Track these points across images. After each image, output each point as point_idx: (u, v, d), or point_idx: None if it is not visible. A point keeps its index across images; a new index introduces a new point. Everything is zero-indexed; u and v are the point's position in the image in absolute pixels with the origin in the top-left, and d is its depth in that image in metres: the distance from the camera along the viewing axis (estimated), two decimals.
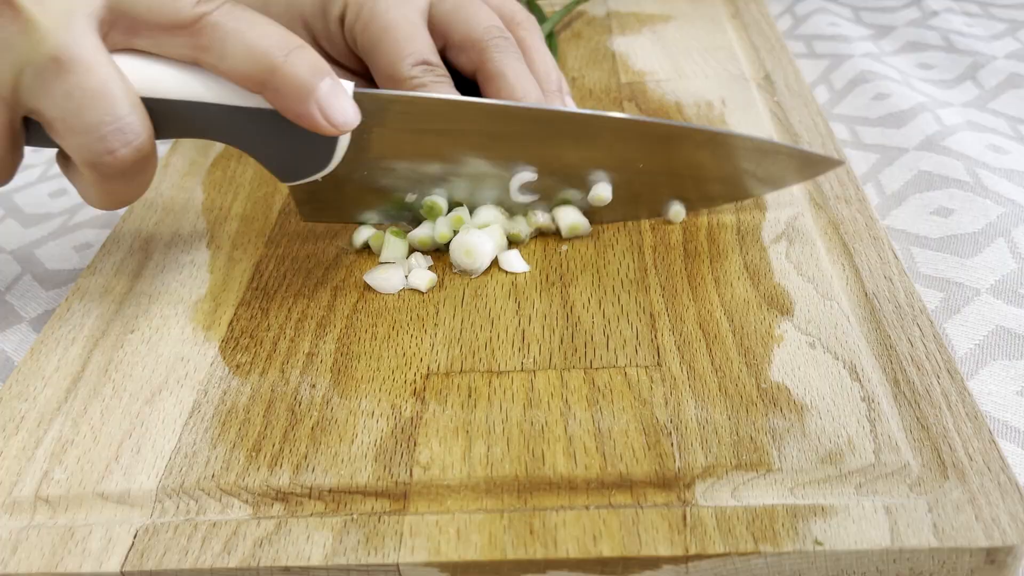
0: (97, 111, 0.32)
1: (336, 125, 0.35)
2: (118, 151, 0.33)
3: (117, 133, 0.33)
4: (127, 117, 0.33)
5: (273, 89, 0.34)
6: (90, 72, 0.32)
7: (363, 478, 0.30)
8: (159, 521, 0.30)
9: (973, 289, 0.38)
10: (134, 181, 0.35)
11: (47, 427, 0.34)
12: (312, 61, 0.34)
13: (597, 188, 0.40)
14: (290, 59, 0.34)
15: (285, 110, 0.35)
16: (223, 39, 0.33)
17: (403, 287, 0.39)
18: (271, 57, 0.34)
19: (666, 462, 0.30)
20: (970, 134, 0.49)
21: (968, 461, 0.29)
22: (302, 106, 0.34)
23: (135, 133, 0.33)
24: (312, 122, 0.35)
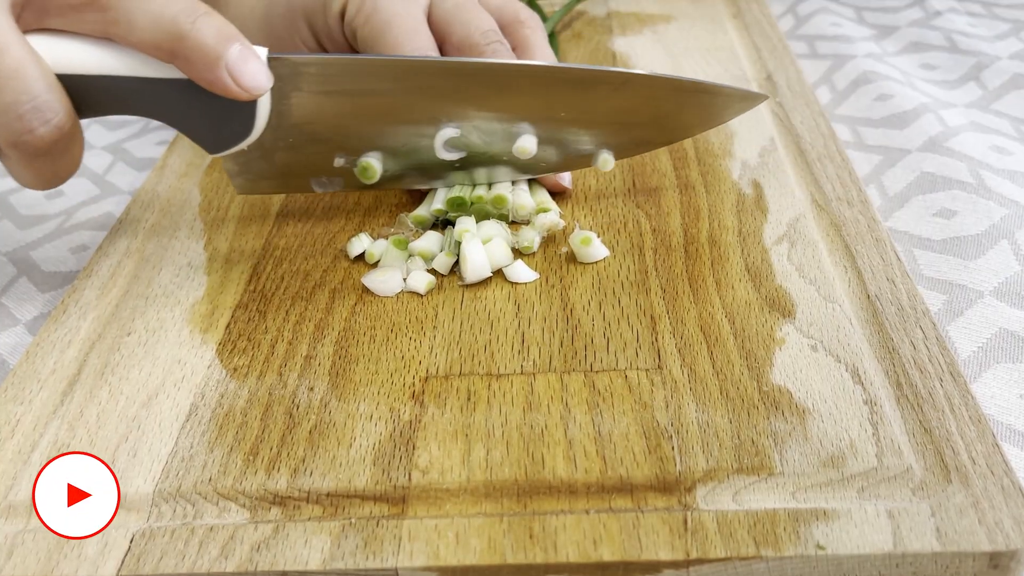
0: (13, 91, 0.33)
1: (248, 89, 0.35)
2: (37, 130, 0.33)
3: (35, 112, 0.33)
4: (43, 95, 0.33)
5: (183, 57, 0.35)
6: (4, 54, 0.32)
7: (361, 482, 0.30)
8: (156, 525, 0.30)
9: (976, 291, 0.39)
10: (60, 159, 0.35)
11: (43, 431, 0.34)
12: (219, 26, 0.35)
13: (521, 140, 0.41)
14: (197, 25, 0.34)
15: (197, 77, 0.35)
16: (129, 11, 0.34)
17: (401, 290, 0.39)
18: (178, 25, 0.34)
19: (667, 466, 0.30)
20: (973, 135, 0.49)
21: (971, 465, 0.29)
22: (212, 72, 0.35)
23: (53, 111, 0.34)
24: (224, 87, 0.35)
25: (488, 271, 0.39)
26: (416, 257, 0.40)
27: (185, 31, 0.34)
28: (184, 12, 0.34)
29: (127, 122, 0.61)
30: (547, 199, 0.43)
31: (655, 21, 0.64)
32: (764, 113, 0.50)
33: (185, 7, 0.35)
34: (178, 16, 0.34)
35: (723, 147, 0.47)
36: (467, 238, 0.39)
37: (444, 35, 0.43)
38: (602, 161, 0.42)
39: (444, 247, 0.40)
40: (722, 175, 0.45)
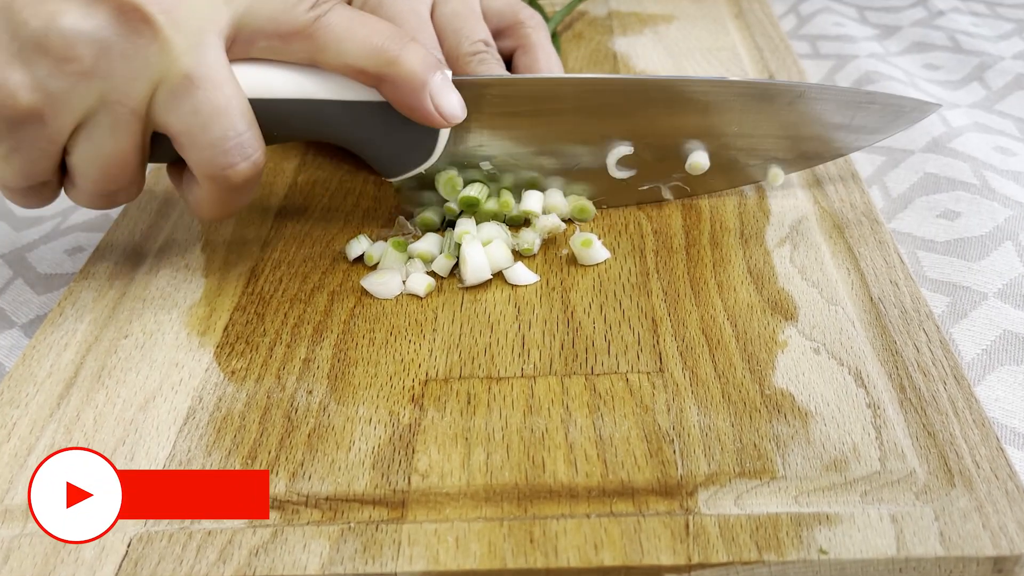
0: (221, 127, 0.34)
1: (447, 117, 0.37)
2: (238, 164, 0.35)
3: (238, 148, 0.35)
4: (246, 133, 0.35)
5: (390, 82, 0.36)
6: (217, 89, 0.34)
7: (360, 486, 0.31)
8: (153, 529, 0.30)
9: (980, 293, 0.39)
10: (245, 192, 0.37)
11: (39, 434, 0.34)
12: (424, 55, 0.36)
13: (694, 156, 0.41)
14: (405, 52, 0.36)
15: (399, 103, 0.37)
16: (339, 38, 0.36)
17: (401, 292, 0.39)
18: (387, 51, 0.36)
19: (668, 470, 0.30)
20: (977, 136, 0.49)
21: (975, 468, 0.29)
22: (417, 98, 0.36)
23: (253, 147, 0.35)
24: (425, 114, 0.37)
25: (488, 273, 0.39)
26: (415, 259, 0.40)
27: (393, 57, 0.36)
28: (392, 39, 0.36)
29: None
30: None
31: (656, 21, 0.64)
32: None
33: (393, 34, 0.36)
34: (387, 43, 0.36)
35: None
36: (467, 240, 0.39)
37: (439, 40, 0.44)
38: (772, 176, 0.42)
39: (444, 249, 0.41)
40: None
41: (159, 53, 0.34)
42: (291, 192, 0.47)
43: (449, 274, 0.40)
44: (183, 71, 0.34)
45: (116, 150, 0.35)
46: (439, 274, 0.40)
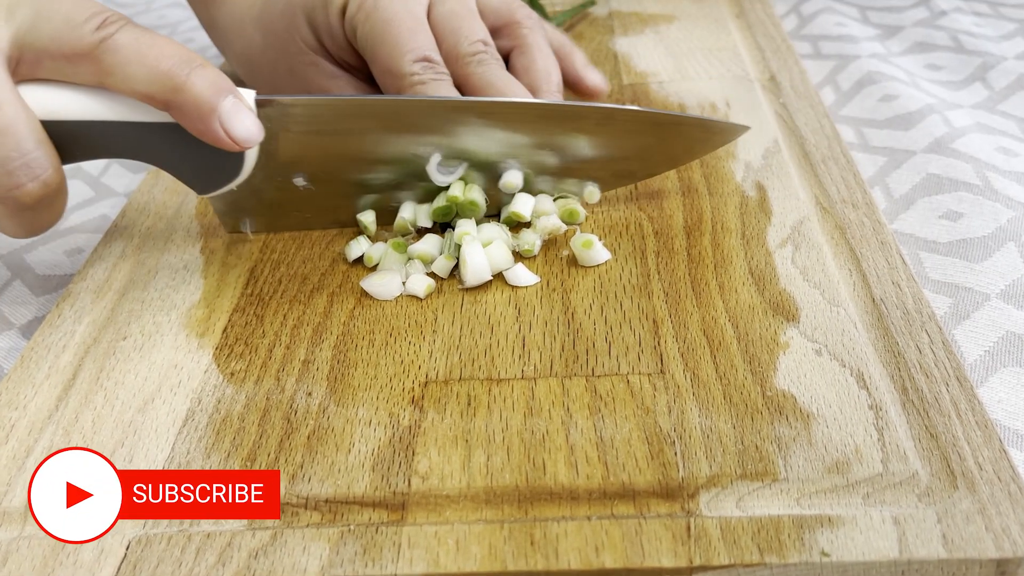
0: (5, 148, 0.34)
1: (239, 141, 0.36)
2: (26, 185, 0.34)
3: (24, 168, 0.34)
4: (33, 152, 0.34)
5: (177, 108, 0.36)
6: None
7: (360, 488, 0.31)
8: (152, 532, 0.30)
9: (983, 294, 0.39)
10: (45, 212, 0.36)
11: (37, 436, 0.34)
12: (213, 79, 0.36)
13: (507, 176, 0.42)
14: (191, 78, 0.35)
15: (190, 128, 0.36)
16: (125, 62, 0.35)
17: (400, 293, 0.39)
18: (173, 77, 0.35)
19: (669, 472, 0.30)
20: (979, 136, 0.49)
21: (978, 470, 0.29)
22: (205, 124, 0.36)
23: (42, 167, 0.35)
24: (216, 138, 0.36)
25: (488, 274, 0.39)
26: (415, 260, 0.40)
27: (180, 83, 0.35)
28: (179, 64, 0.35)
29: None
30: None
31: (657, 21, 0.64)
32: (768, 114, 0.50)
33: (181, 59, 0.35)
34: (173, 68, 0.35)
35: (726, 149, 0.47)
36: (467, 241, 0.39)
37: (437, 40, 0.44)
38: (588, 193, 0.43)
39: (444, 250, 0.41)
40: (725, 177, 0.45)
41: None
42: None
43: (449, 275, 0.40)
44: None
45: None
46: (439, 275, 0.40)
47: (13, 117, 0.34)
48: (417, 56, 0.42)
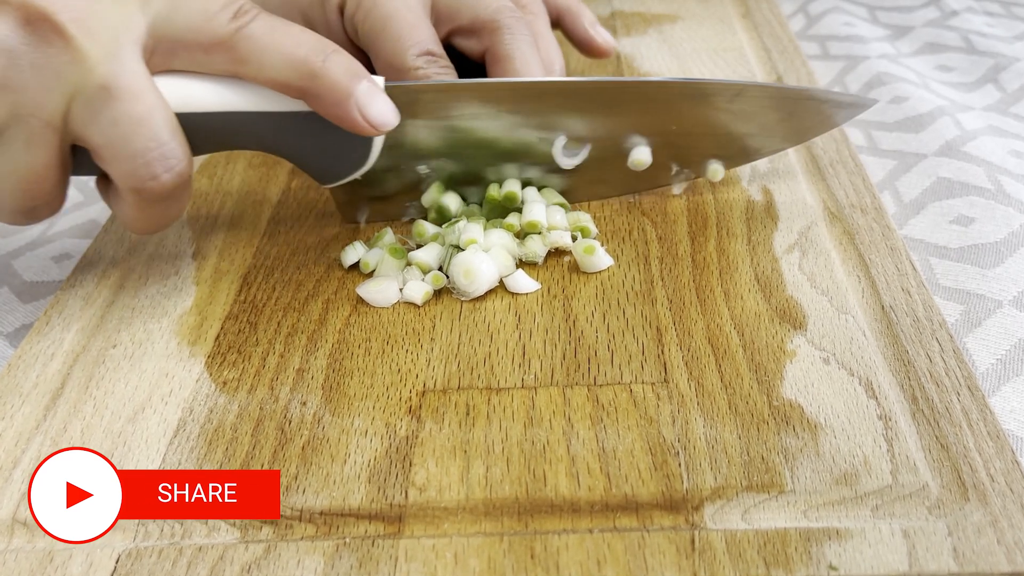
0: (142, 138, 0.34)
1: (376, 125, 0.37)
2: (161, 176, 0.35)
3: (160, 159, 0.35)
4: (170, 143, 0.35)
5: (314, 94, 0.36)
6: (136, 100, 0.34)
7: (356, 500, 0.31)
8: (142, 545, 0.30)
9: (995, 301, 0.39)
10: (174, 205, 0.37)
11: (25, 446, 0.34)
12: (348, 64, 0.37)
13: (636, 152, 0.42)
14: (328, 64, 0.36)
15: (326, 113, 0.37)
16: (261, 51, 0.36)
17: (398, 300, 0.39)
18: (309, 64, 0.36)
19: (673, 483, 0.30)
20: (991, 139, 0.49)
21: (990, 482, 0.29)
22: (343, 109, 0.37)
23: (177, 159, 0.35)
24: (353, 124, 0.37)
25: (488, 286, 0.39)
26: (413, 267, 0.40)
27: (316, 69, 0.36)
28: (315, 51, 0.36)
29: None
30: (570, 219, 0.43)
31: (661, 21, 0.64)
32: None
33: (315, 46, 0.36)
34: (309, 55, 0.36)
35: None
36: (472, 250, 0.39)
37: (453, 20, 0.45)
38: (712, 171, 0.44)
39: (443, 263, 0.40)
40: (731, 181, 0.45)
41: (72, 63, 0.33)
42: (284, 197, 0.48)
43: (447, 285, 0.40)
44: (99, 82, 0.34)
45: (32, 165, 0.35)
46: (435, 267, 0.40)
47: (151, 107, 0.35)
48: (420, 50, 0.42)
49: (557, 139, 0.42)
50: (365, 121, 0.37)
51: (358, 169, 0.40)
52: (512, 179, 0.43)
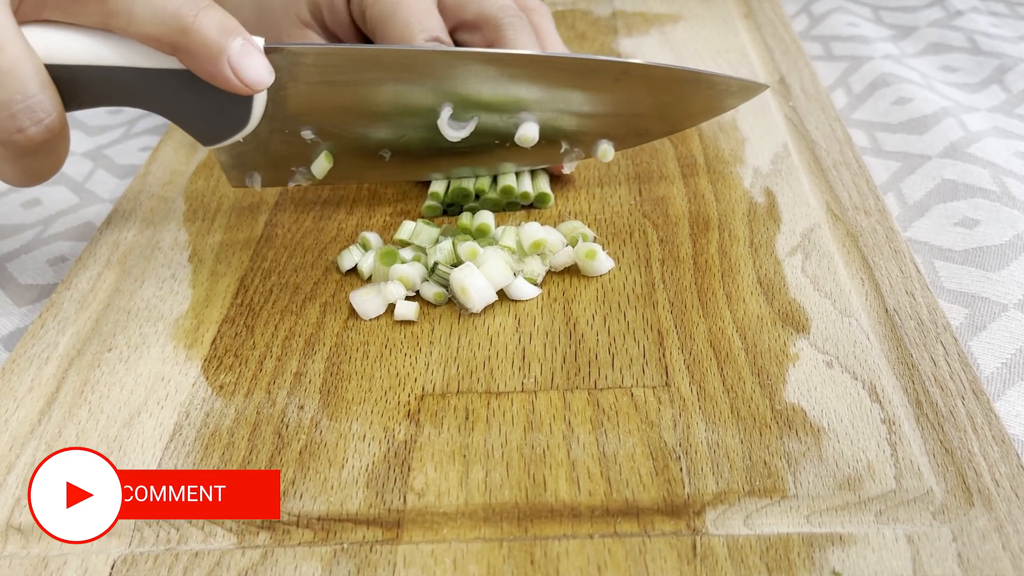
0: (7, 90, 0.34)
1: (249, 84, 0.37)
2: (28, 129, 0.35)
3: (27, 111, 0.34)
4: (37, 95, 0.35)
5: (185, 51, 0.36)
6: (1, 51, 0.34)
7: (354, 505, 0.31)
8: (138, 551, 0.30)
9: (1000, 304, 0.39)
10: (47, 158, 0.37)
11: (19, 451, 0.34)
12: (222, 20, 0.36)
13: (523, 128, 0.42)
14: (199, 19, 0.35)
15: (198, 71, 0.36)
16: (130, 3, 0.35)
17: (383, 312, 0.39)
18: (180, 18, 0.35)
19: (675, 488, 0.30)
20: (996, 141, 0.49)
21: (995, 487, 0.29)
22: (214, 66, 0.36)
23: (46, 111, 0.35)
24: (225, 82, 0.37)
25: (484, 304, 0.38)
26: (396, 281, 0.39)
27: (187, 24, 0.35)
28: (186, 5, 0.36)
29: (108, 127, 0.62)
30: (547, 187, 0.45)
31: (662, 21, 0.64)
32: (777, 118, 0.50)
33: (187, 0, 0.36)
34: (180, 9, 0.35)
35: (734, 153, 0.48)
36: (468, 268, 0.38)
37: (458, 14, 0.45)
38: (602, 152, 0.44)
39: (427, 276, 0.40)
40: (733, 183, 0.45)
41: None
42: (282, 200, 0.48)
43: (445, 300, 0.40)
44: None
45: None
46: (427, 299, 0.39)
47: (17, 58, 0.34)
48: (429, 36, 0.43)
49: (443, 110, 0.42)
50: (238, 79, 0.37)
51: (239, 131, 0.40)
52: (507, 174, 0.44)
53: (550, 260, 0.40)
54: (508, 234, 0.41)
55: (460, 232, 0.42)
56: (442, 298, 0.39)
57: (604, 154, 0.44)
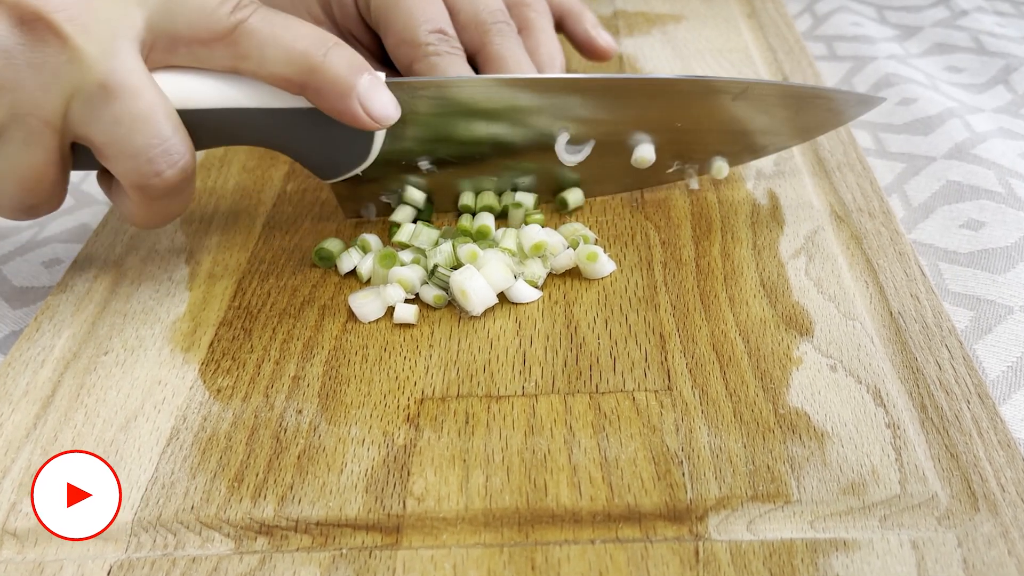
0: (144, 135, 0.35)
1: (378, 119, 0.38)
2: (164, 172, 0.36)
3: (163, 155, 0.36)
4: (172, 139, 0.36)
5: (314, 89, 0.37)
6: (136, 97, 0.35)
7: (353, 510, 0.31)
8: (135, 556, 0.30)
9: (1005, 307, 0.39)
10: (178, 199, 0.38)
11: (15, 456, 0.34)
12: (350, 58, 0.37)
13: (640, 150, 0.43)
14: (328, 58, 0.37)
15: (327, 108, 0.38)
16: (261, 45, 0.36)
17: (382, 315, 0.39)
18: (310, 58, 0.36)
19: (677, 493, 0.30)
20: (1002, 142, 0.49)
21: (1000, 492, 0.29)
22: (344, 103, 0.37)
23: (180, 154, 0.36)
24: (354, 118, 0.38)
25: (484, 307, 0.38)
26: (395, 284, 0.39)
27: (317, 64, 0.36)
28: (315, 45, 0.37)
29: None
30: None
31: (664, 21, 0.64)
32: None
33: (316, 40, 0.37)
34: (310, 49, 0.36)
35: None
36: (467, 273, 0.38)
37: (452, 11, 0.46)
38: (716, 169, 0.44)
39: (427, 278, 0.40)
40: (735, 184, 0.45)
41: (70, 62, 0.34)
42: (279, 201, 0.48)
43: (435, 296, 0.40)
44: (98, 80, 0.34)
45: (32, 163, 0.35)
46: (426, 302, 0.39)
47: (152, 103, 0.35)
48: (433, 27, 0.43)
49: (560, 135, 0.42)
50: (367, 115, 0.38)
51: (360, 164, 0.41)
52: (486, 212, 0.44)
53: (551, 262, 0.40)
54: (509, 236, 0.41)
55: (460, 234, 0.42)
56: (442, 301, 0.39)
57: (719, 171, 0.44)
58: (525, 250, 0.40)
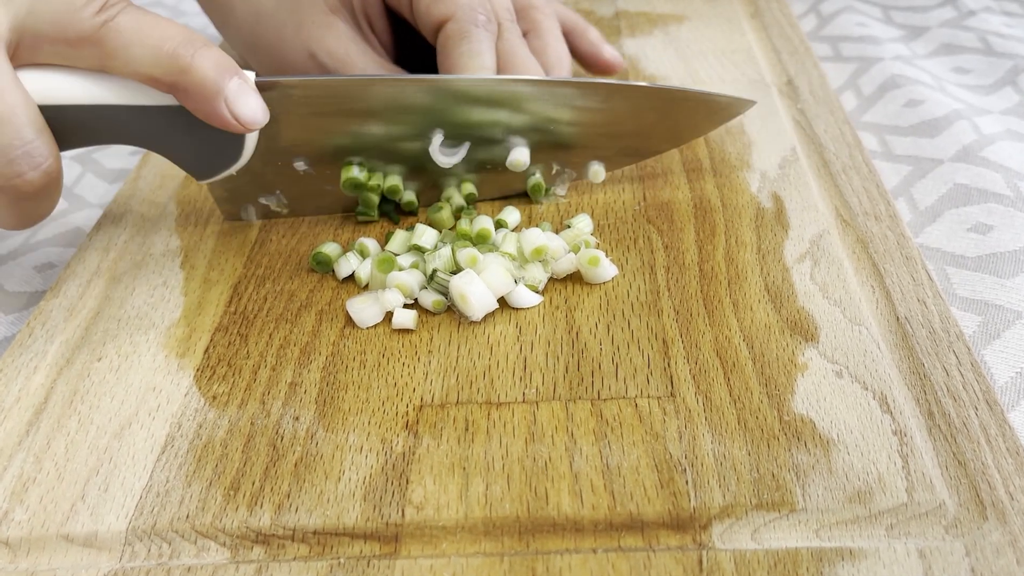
0: (5, 136, 0.35)
1: (245, 123, 0.38)
2: (27, 174, 0.36)
3: (25, 157, 0.36)
4: (34, 141, 0.36)
5: (182, 90, 0.37)
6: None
7: (351, 519, 0.31)
8: (129, 565, 0.30)
9: (1014, 312, 0.39)
10: (43, 201, 0.38)
11: (7, 463, 0.34)
12: (218, 59, 0.37)
13: (514, 153, 0.44)
14: (196, 59, 0.37)
15: (195, 110, 0.38)
16: (127, 45, 0.36)
17: (381, 321, 0.39)
18: (178, 59, 0.37)
19: (680, 501, 0.30)
20: (1010, 144, 0.49)
21: (1009, 500, 0.29)
22: (211, 105, 0.37)
23: (43, 156, 0.36)
24: (222, 121, 0.38)
25: (484, 312, 0.38)
26: (394, 289, 0.39)
27: (185, 64, 0.37)
28: (183, 45, 0.37)
29: None
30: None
31: (666, 21, 0.64)
32: (785, 121, 0.51)
33: (184, 40, 0.37)
34: (177, 49, 0.37)
35: (740, 158, 0.48)
36: (468, 276, 0.38)
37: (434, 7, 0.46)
38: (593, 173, 0.46)
39: (426, 283, 0.40)
40: (740, 188, 0.46)
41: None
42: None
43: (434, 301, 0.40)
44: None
45: None
46: (425, 307, 0.40)
47: (13, 105, 0.35)
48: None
49: (435, 136, 0.43)
50: (234, 118, 0.38)
51: (232, 165, 0.41)
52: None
53: (552, 267, 0.40)
54: (509, 240, 0.41)
55: (460, 238, 0.42)
56: (441, 306, 0.39)
57: (595, 175, 0.46)
58: (526, 254, 0.40)
